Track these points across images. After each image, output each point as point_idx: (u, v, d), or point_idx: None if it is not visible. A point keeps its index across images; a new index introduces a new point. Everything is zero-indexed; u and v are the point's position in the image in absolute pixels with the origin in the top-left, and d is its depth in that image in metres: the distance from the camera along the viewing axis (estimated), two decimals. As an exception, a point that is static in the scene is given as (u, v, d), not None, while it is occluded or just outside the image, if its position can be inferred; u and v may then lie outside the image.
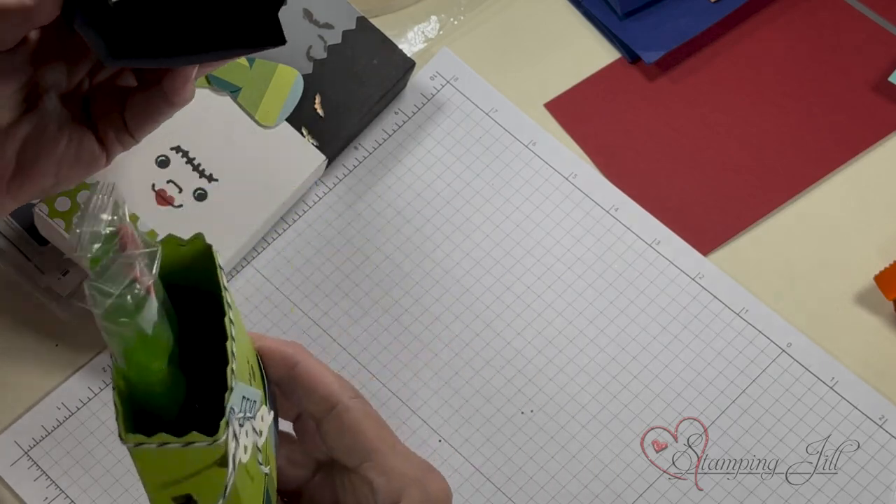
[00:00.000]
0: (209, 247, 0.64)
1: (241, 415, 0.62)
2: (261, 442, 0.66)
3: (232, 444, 0.61)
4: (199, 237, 0.64)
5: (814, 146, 1.00)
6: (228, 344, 0.62)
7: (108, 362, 0.93)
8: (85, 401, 0.92)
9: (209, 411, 0.63)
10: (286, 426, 0.75)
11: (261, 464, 0.66)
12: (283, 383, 0.72)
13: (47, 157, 0.77)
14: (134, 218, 0.90)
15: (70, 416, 0.92)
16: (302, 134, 0.96)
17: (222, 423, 0.60)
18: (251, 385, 0.66)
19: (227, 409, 0.61)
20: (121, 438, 0.60)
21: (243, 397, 0.63)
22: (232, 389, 0.61)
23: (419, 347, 0.94)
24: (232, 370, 0.61)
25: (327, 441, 0.73)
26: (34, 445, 0.91)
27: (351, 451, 0.72)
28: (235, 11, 0.74)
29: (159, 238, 0.63)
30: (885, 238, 0.96)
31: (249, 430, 0.64)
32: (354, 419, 0.72)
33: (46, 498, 0.89)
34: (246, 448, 0.63)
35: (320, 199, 0.99)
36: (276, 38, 0.75)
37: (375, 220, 0.97)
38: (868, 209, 0.97)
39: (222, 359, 0.62)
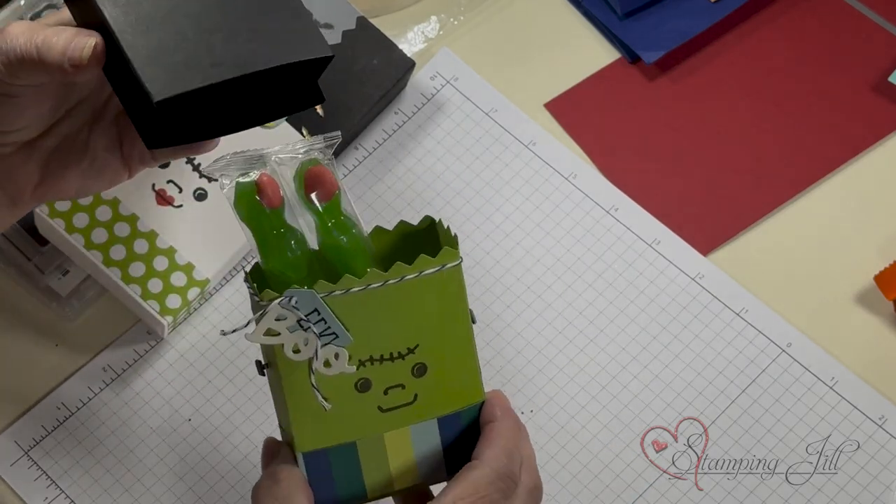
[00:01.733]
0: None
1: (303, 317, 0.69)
2: (318, 365, 0.70)
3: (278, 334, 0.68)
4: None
5: (814, 146, 0.99)
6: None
7: (108, 362, 0.93)
8: (85, 401, 0.92)
9: None
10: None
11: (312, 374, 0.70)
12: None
13: (72, 170, 0.78)
14: (134, 218, 0.90)
15: (70, 416, 0.92)
16: (302, 134, 0.96)
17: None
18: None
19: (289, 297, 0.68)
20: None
21: (318, 313, 0.68)
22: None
23: (419, 347, 0.93)
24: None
25: None
26: (34, 445, 0.91)
27: None
28: (277, 88, 0.72)
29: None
30: (885, 238, 0.96)
31: (310, 340, 0.69)
32: None
33: (46, 498, 0.89)
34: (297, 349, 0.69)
35: (320, 199, 0.99)
36: (316, 97, 0.74)
37: (375, 221, 0.97)
38: (868, 209, 0.97)
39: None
